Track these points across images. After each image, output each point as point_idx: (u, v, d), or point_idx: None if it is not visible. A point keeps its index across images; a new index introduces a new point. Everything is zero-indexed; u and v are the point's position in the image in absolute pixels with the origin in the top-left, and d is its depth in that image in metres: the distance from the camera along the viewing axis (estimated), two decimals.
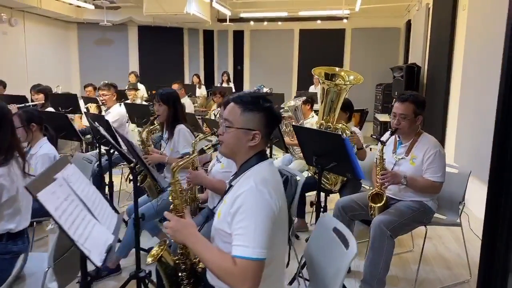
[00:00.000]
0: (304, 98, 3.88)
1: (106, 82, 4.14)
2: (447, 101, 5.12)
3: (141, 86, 8.29)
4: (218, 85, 9.62)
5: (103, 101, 3.95)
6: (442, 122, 5.10)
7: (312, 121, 3.88)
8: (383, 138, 2.59)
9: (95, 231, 1.34)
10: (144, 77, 10.40)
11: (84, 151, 4.76)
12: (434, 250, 3.27)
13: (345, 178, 3.16)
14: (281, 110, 3.98)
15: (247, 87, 10.69)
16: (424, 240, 2.64)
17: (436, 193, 2.60)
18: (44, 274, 1.62)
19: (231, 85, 9.46)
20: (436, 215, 2.72)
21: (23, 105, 3.96)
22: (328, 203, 3.00)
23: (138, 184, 2.80)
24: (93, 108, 4.06)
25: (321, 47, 10.14)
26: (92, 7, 8.77)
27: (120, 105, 4.23)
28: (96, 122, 2.67)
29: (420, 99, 2.57)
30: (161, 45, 10.55)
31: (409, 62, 7.70)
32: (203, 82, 10.83)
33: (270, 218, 1.24)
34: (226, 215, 1.30)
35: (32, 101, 4.59)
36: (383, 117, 8.39)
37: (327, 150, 2.44)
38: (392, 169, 2.63)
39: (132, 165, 2.09)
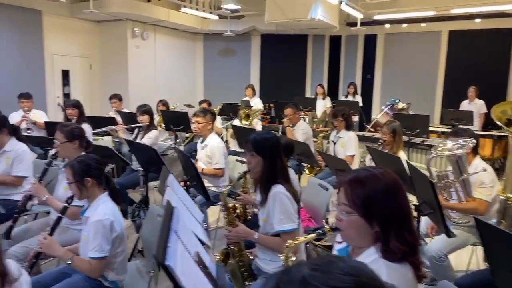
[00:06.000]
0: (470, 140, 2.54)
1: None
2: None
3: (257, 100, 7.73)
4: (343, 97, 8.46)
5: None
6: None
7: (482, 177, 2.52)
8: None
9: None
10: (264, 88, 9.90)
11: None
12: None
13: None
14: (431, 156, 2.71)
15: (377, 101, 9.24)
16: None
17: None
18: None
19: (358, 98, 8.19)
20: None
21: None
22: None
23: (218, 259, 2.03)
24: None
25: (478, 52, 8.07)
26: (217, 17, 8.60)
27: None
28: None
29: None
30: (283, 54, 9.86)
31: None
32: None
33: None
34: None
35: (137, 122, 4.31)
36: None
37: None
38: None
39: None
